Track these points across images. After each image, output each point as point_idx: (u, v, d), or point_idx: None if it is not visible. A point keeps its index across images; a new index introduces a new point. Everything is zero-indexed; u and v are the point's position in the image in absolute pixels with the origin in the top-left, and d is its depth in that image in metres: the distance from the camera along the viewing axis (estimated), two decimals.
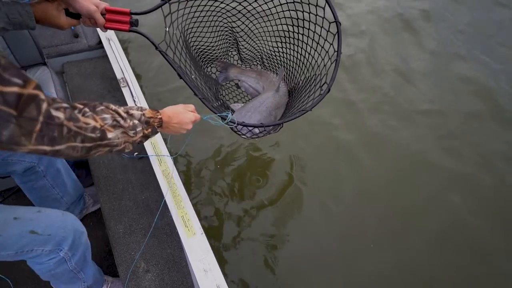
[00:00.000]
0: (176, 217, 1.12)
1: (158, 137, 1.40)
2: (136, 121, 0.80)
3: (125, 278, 1.19)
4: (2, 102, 0.54)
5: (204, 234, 1.08)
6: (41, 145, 0.61)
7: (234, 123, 1.05)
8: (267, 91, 1.46)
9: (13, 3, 0.94)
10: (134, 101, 1.51)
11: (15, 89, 0.55)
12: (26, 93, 0.57)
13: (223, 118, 1.04)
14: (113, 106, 0.76)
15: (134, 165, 1.49)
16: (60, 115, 0.63)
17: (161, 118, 0.88)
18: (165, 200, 1.16)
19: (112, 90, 1.79)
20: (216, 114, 1.04)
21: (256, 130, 1.17)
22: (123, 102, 1.54)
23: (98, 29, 1.13)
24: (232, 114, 1.10)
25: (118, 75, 1.61)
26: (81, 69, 1.90)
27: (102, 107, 0.74)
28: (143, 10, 1.07)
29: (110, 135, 0.73)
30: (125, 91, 1.54)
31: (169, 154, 1.35)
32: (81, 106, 0.69)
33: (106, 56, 1.79)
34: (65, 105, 0.65)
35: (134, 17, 1.07)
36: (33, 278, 1.18)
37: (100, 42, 1.93)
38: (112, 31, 1.85)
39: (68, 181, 1.39)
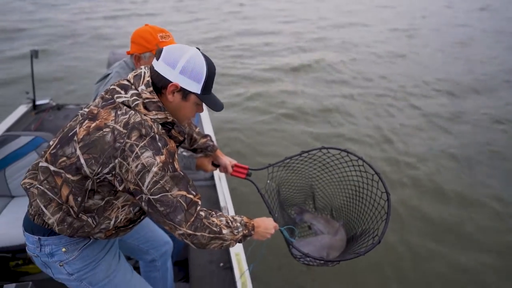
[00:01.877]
0: None
1: (242, 254, 1.84)
2: (238, 224, 1.20)
3: None
4: (184, 201, 1.05)
5: None
6: (189, 229, 1.05)
7: (297, 249, 1.44)
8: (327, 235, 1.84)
9: (188, 157, 1.65)
10: None
11: (191, 196, 1.08)
12: (194, 199, 1.08)
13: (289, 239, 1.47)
14: (225, 213, 1.22)
15: (220, 273, 1.90)
16: (202, 214, 1.10)
17: (253, 224, 1.27)
18: None
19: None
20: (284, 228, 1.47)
21: (307, 259, 1.50)
22: None
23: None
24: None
25: (222, 203, 2.20)
26: None
27: (220, 213, 1.19)
28: (256, 168, 1.69)
29: (224, 231, 1.13)
30: None
31: (247, 267, 1.74)
32: (210, 211, 1.16)
33: (214, 186, 2.46)
34: (205, 209, 1.14)
35: (249, 171, 1.69)
36: None
37: (212, 176, 2.66)
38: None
39: (170, 277, 1.81)
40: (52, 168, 1.05)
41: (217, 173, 2.61)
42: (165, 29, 1.56)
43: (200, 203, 1.11)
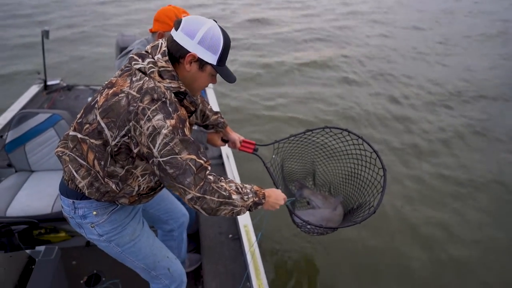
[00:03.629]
0: (255, 286, 1.61)
1: (249, 225, 1.99)
2: (248, 190, 1.22)
3: None
4: (194, 164, 1.07)
5: None
6: (198, 193, 1.07)
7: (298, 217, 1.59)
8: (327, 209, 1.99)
9: (202, 132, 1.78)
10: None
11: (201, 161, 1.12)
12: (204, 165, 1.13)
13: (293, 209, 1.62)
14: (235, 181, 1.24)
15: (229, 243, 2.07)
16: (211, 178, 1.15)
17: (264, 193, 1.29)
18: (248, 272, 1.68)
19: None
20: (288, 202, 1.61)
21: (308, 226, 1.65)
22: None
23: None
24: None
25: None
26: None
27: (229, 179, 1.21)
28: (262, 144, 1.82)
29: (233, 196, 1.15)
30: None
31: (256, 238, 1.89)
32: (219, 177, 1.18)
33: (223, 164, 2.59)
34: (214, 174, 1.19)
35: (256, 146, 1.82)
36: (139, 279, 1.55)
37: (221, 155, 2.79)
38: (230, 150, 2.76)
39: (184, 248, 1.94)
40: (79, 135, 1.15)
41: (225, 152, 2.74)
42: (188, 11, 1.67)
43: (210, 169, 1.14)
